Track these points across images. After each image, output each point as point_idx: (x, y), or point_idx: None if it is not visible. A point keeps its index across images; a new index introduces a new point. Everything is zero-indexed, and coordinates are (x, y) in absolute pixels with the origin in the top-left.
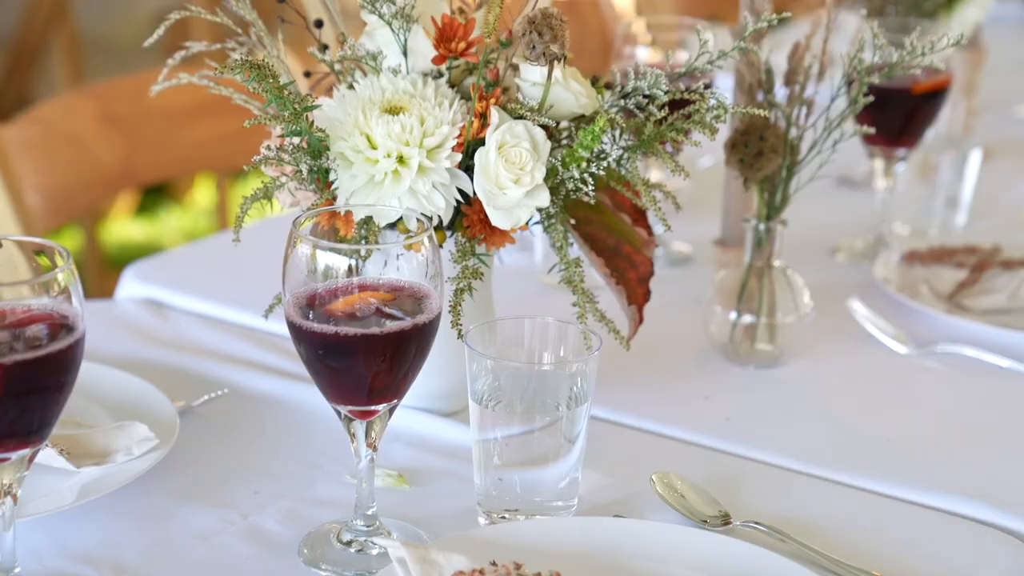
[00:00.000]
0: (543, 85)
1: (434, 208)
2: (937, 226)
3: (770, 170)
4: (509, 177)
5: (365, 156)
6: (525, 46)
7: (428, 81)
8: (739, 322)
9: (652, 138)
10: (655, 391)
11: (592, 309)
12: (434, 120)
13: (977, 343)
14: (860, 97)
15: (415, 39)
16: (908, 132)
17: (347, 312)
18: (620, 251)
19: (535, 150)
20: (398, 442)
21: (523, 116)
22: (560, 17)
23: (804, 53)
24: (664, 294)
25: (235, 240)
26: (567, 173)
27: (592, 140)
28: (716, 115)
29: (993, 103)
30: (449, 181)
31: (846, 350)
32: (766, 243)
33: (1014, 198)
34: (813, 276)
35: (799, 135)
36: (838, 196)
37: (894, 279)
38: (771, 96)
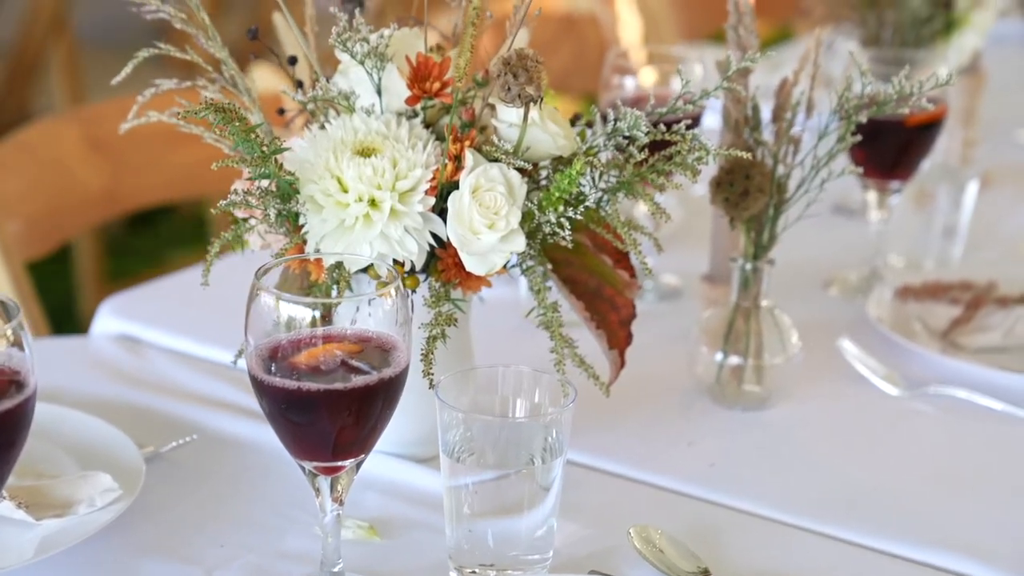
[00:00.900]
0: (520, 127)
1: (407, 253)
2: (933, 258)
3: (756, 209)
4: (483, 222)
5: (336, 200)
6: (500, 88)
7: (402, 121)
8: (725, 363)
9: (632, 180)
10: (637, 435)
11: (571, 354)
12: (407, 162)
13: (971, 384)
14: (848, 136)
15: (390, 78)
16: (902, 165)
17: (311, 365)
18: (601, 293)
19: (511, 194)
20: (370, 490)
21: (498, 159)
22: (536, 58)
23: (791, 89)
24: (651, 330)
25: (203, 283)
26: (544, 217)
27: (569, 184)
28: (698, 157)
29: (994, 127)
30: (422, 225)
31: (836, 391)
32: (753, 283)
33: (1013, 227)
34: (805, 311)
35: (786, 173)
36: (834, 225)
37: (887, 316)
38: (757, 133)
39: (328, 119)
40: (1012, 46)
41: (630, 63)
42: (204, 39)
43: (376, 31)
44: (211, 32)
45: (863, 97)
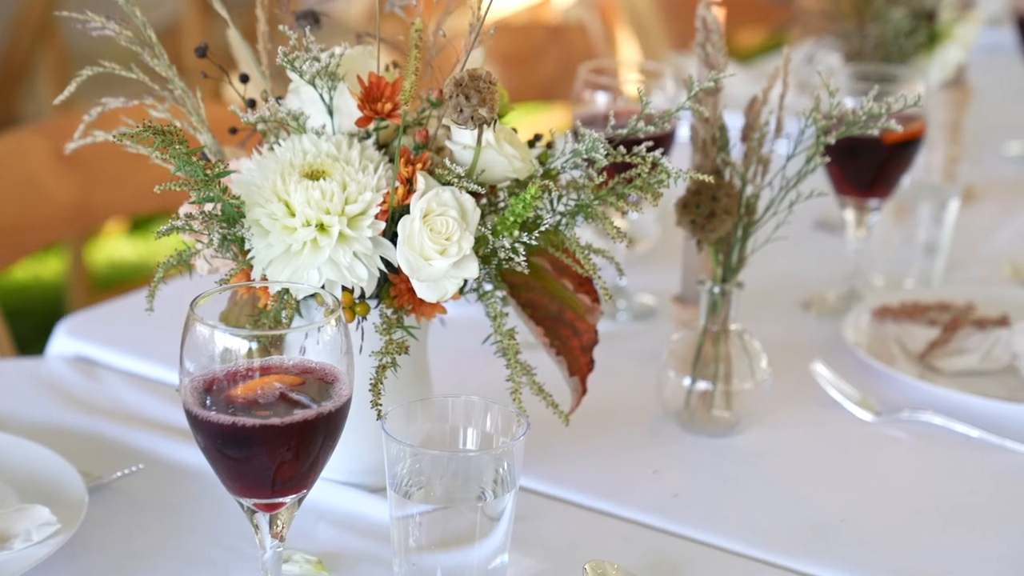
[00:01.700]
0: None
1: (356, 279)
2: (915, 277)
3: (724, 231)
4: (434, 248)
5: (282, 224)
6: (452, 109)
7: (354, 143)
8: (694, 389)
9: (591, 203)
10: (600, 463)
11: (529, 382)
12: (357, 186)
13: (948, 409)
14: (817, 157)
15: (342, 97)
16: (880, 182)
17: (248, 399)
18: (563, 318)
19: (463, 218)
20: (322, 521)
21: (451, 182)
22: (489, 79)
23: (761, 108)
24: (623, 351)
25: (148, 309)
26: (498, 242)
27: (523, 208)
28: (659, 180)
29: (982, 140)
30: (372, 251)
31: (809, 417)
32: (721, 306)
33: (996, 245)
34: (781, 332)
35: (755, 194)
36: (815, 241)
37: (864, 337)
38: (725, 154)
39: (279, 140)
40: (1004, 56)
41: (602, 78)
42: (150, 57)
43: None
44: (158, 50)
45: (832, 117)
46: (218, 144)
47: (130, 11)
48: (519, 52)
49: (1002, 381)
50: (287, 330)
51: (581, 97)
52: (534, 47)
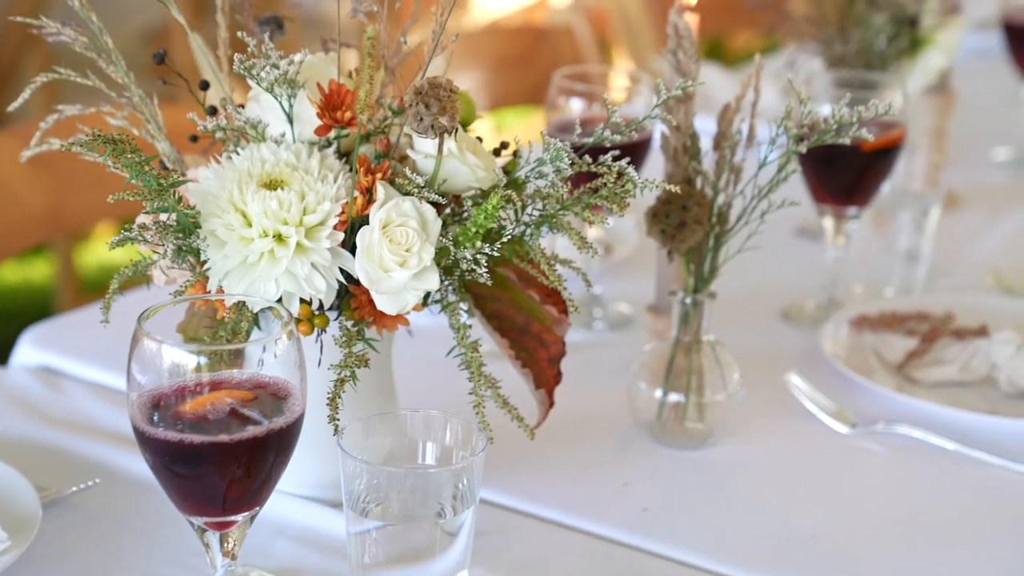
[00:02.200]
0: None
1: (314, 291)
2: (895, 285)
3: (694, 242)
4: (394, 259)
5: (239, 235)
6: (412, 118)
7: (314, 152)
8: (665, 400)
9: (555, 214)
10: (569, 476)
11: (494, 395)
12: (316, 196)
13: (924, 421)
14: (788, 167)
15: (302, 105)
16: (859, 191)
17: (197, 415)
18: (530, 330)
19: (424, 229)
20: (282, 536)
21: (411, 192)
22: (449, 87)
23: (733, 116)
24: (597, 361)
25: (104, 321)
26: (460, 253)
27: (485, 219)
28: (625, 190)
29: (969, 145)
30: (331, 262)
31: (783, 429)
32: (693, 317)
33: (979, 252)
34: (759, 342)
35: (727, 203)
36: (796, 248)
37: (842, 347)
38: (696, 163)
39: (237, 148)
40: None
41: (576, 84)
42: (106, 64)
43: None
44: (114, 56)
45: (803, 127)
46: (177, 152)
47: (86, 17)
48: (508, 55)
49: (980, 392)
50: (235, 345)
51: (556, 103)
52: (523, 50)
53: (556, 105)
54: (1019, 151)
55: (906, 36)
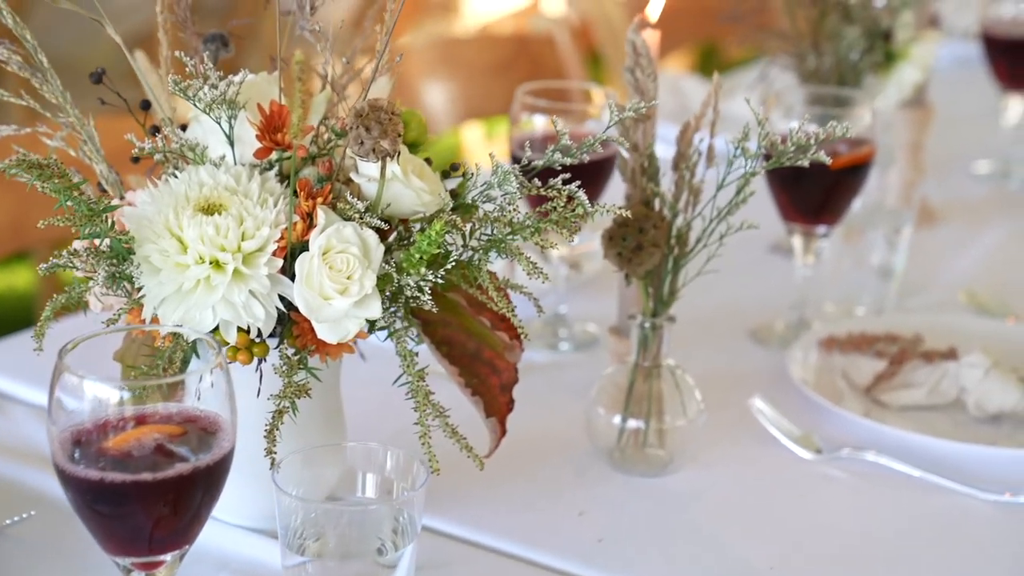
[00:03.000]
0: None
1: (253, 319)
2: (868, 303)
3: (651, 265)
4: (334, 287)
5: (174, 261)
6: (353, 141)
7: (255, 175)
8: (624, 426)
9: (503, 238)
10: (523, 504)
11: (442, 424)
12: (254, 221)
13: (891, 446)
14: (746, 191)
15: (244, 126)
16: (828, 209)
17: (121, 452)
18: (481, 356)
19: (365, 256)
20: (225, 571)
21: (352, 217)
22: (391, 110)
23: (692, 136)
24: (560, 383)
25: (37, 349)
26: (404, 280)
27: (429, 245)
28: (575, 214)
29: (950, 158)
30: (269, 289)
31: (746, 455)
32: (652, 341)
33: (955, 269)
34: (727, 363)
35: (686, 224)
36: (769, 265)
37: (810, 370)
38: (654, 184)
39: (175, 171)
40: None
41: (539, 101)
42: (40, 83)
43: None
44: (50, 75)
45: (760, 149)
46: (116, 174)
47: (20, 35)
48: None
49: (949, 416)
50: (156, 381)
51: (518, 120)
52: (504, 59)
53: (519, 121)
54: (1000, 164)
55: (880, 50)
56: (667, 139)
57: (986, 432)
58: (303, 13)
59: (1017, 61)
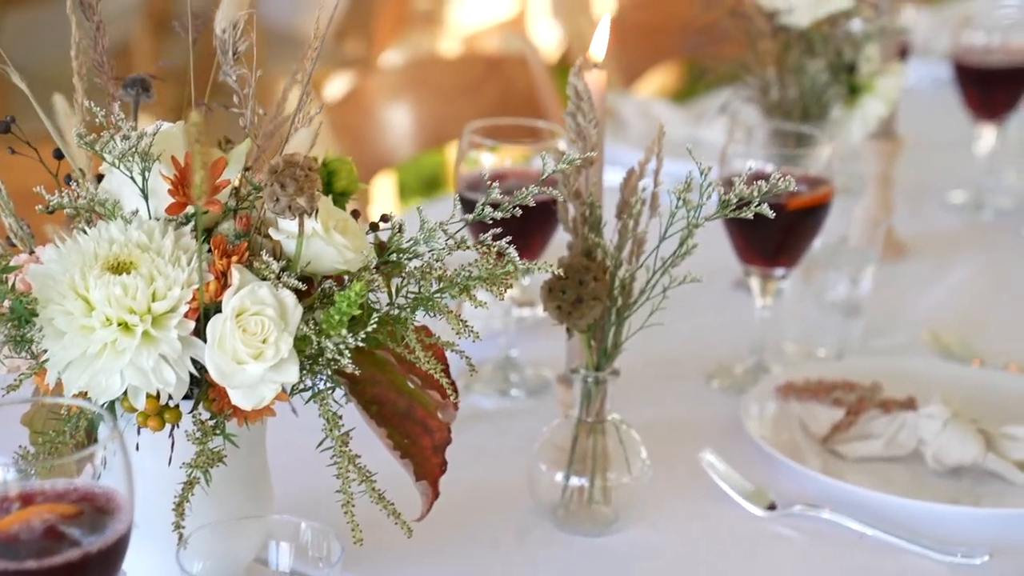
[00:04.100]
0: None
1: (163, 385)
2: (828, 344)
3: (593, 318)
4: (248, 351)
5: (80, 324)
6: (268, 199)
7: (168, 230)
8: (568, 484)
9: (431, 296)
10: (461, 567)
11: (368, 489)
12: (166, 280)
13: (848, 501)
14: (689, 244)
15: (158, 179)
16: (786, 251)
17: (8, 536)
18: (413, 415)
19: (282, 318)
20: None
21: (267, 277)
22: (308, 166)
23: (637, 183)
24: (508, 431)
25: None
26: (323, 342)
27: (349, 306)
28: (506, 272)
29: (923, 186)
30: (181, 352)
31: (696, 511)
32: (596, 396)
33: (922, 306)
34: (681, 409)
35: (630, 275)
36: (733, 302)
37: (767, 418)
38: (595, 234)
39: (85, 226)
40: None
41: (486, 140)
42: None
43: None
44: None
45: (702, 201)
46: (27, 228)
47: None
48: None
49: (908, 468)
50: (47, 460)
51: (466, 158)
52: (472, 81)
53: (466, 159)
54: (975, 194)
55: (844, 83)
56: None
57: (945, 487)
58: (226, 59)
59: (988, 91)
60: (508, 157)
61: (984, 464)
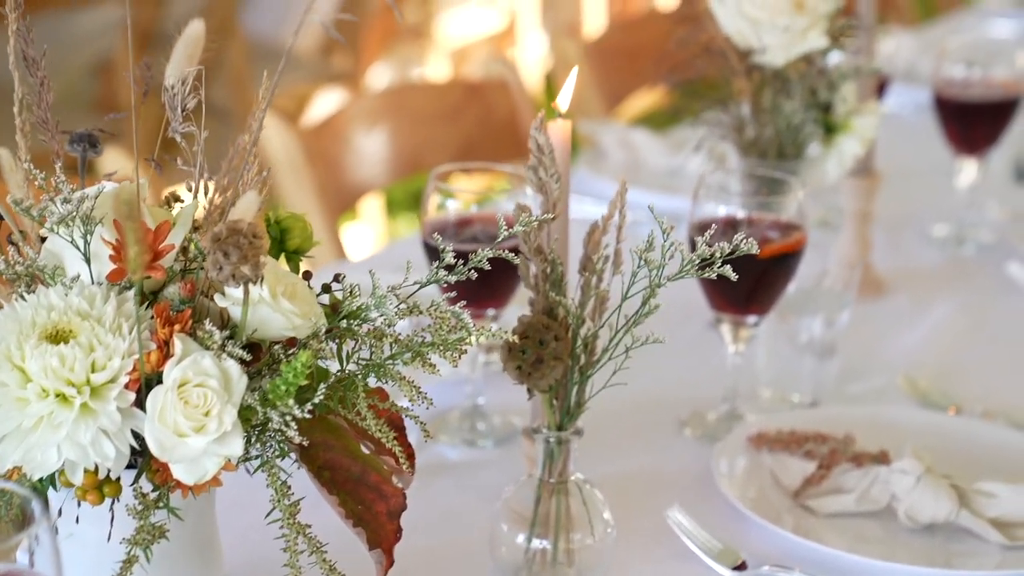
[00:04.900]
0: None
1: (102, 459)
2: (803, 389)
3: (554, 379)
4: (190, 424)
5: (15, 395)
6: (211, 267)
7: (111, 297)
8: (530, 546)
9: (382, 364)
10: None
11: (319, 560)
12: (106, 350)
13: (817, 561)
14: (651, 304)
15: (100, 243)
16: (757, 299)
17: None
18: (367, 480)
19: (226, 389)
20: None
21: (211, 347)
22: (253, 233)
23: (601, 238)
24: (472, 485)
25: None
26: (268, 413)
27: (295, 376)
28: (460, 338)
29: (906, 218)
30: (120, 425)
31: (662, 571)
32: (559, 456)
33: (899, 349)
34: (651, 461)
35: (593, 333)
36: (708, 341)
37: (738, 469)
38: (555, 294)
39: (24, 291)
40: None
41: (451, 186)
42: None
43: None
44: None
45: (663, 261)
46: None
47: None
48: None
49: (881, 524)
50: None
51: (427, 207)
52: (452, 106)
53: (427, 209)
54: (957, 228)
55: (820, 122)
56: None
57: (918, 544)
58: (175, 115)
59: (969, 125)
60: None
61: (957, 521)
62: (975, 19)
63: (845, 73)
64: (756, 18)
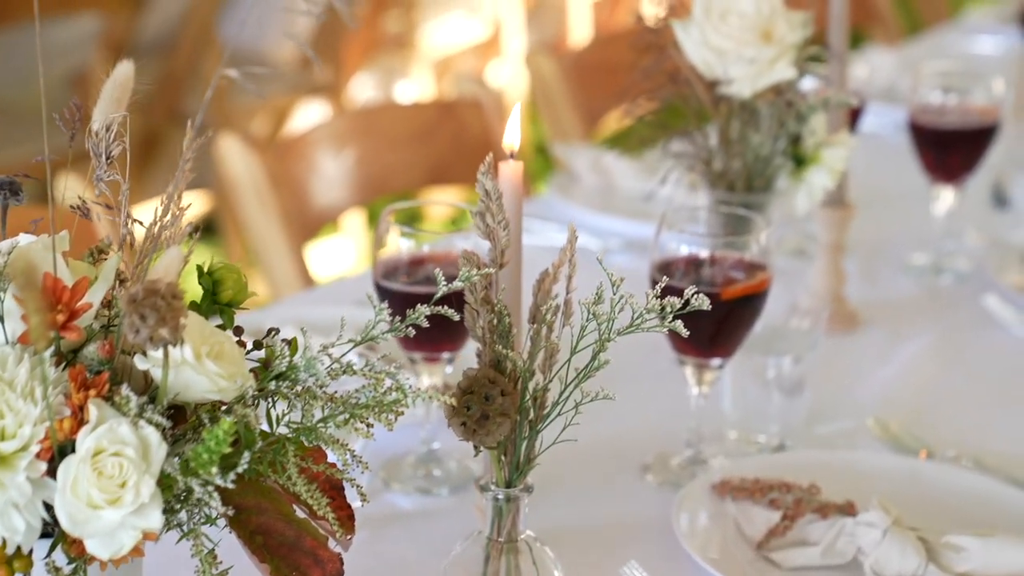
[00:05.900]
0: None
1: (10, 532)
2: (770, 432)
3: (501, 436)
4: (104, 496)
5: None
6: (128, 330)
7: (24, 358)
8: None
9: (314, 427)
10: None
11: None
12: (16, 417)
13: None
14: (600, 359)
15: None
16: (721, 342)
17: None
18: (302, 545)
19: (144, 458)
20: None
21: (128, 414)
22: (171, 294)
23: (551, 286)
24: (426, 535)
25: None
26: (189, 483)
27: (217, 445)
28: (395, 400)
29: (883, 244)
30: (31, 496)
31: None
32: (507, 514)
33: (870, 387)
34: (612, 510)
35: (543, 386)
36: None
37: (701, 519)
38: (502, 347)
39: None
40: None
41: (404, 228)
42: None
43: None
44: None
45: (613, 313)
46: None
47: None
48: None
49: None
50: None
51: (384, 242)
52: (423, 126)
53: (384, 244)
54: (934, 257)
55: (788, 154)
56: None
57: None
58: (99, 162)
59: (945, 153)
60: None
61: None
62: (958, 35)
63: (814, 105)
64: (722, 48)
